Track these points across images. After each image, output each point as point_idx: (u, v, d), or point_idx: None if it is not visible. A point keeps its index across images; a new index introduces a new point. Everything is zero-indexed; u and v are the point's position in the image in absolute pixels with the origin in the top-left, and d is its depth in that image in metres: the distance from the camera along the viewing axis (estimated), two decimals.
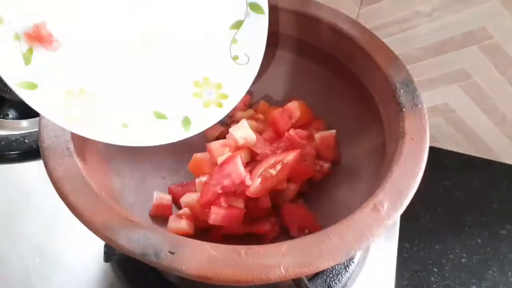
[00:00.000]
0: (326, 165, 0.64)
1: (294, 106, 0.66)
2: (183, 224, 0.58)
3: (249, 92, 0.70)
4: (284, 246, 0.42)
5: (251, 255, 0.41)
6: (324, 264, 0.41)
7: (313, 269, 0.41)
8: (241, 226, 0.59)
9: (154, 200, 0.61)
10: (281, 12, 0.67)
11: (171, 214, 0.60)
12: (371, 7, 0.77)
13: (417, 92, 0.55)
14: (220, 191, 0.56)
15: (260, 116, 0.70)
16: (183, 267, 0.41)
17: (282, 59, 0.72)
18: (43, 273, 0.63)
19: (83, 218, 0.44)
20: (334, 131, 0.65)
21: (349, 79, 0.64)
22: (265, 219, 0.60)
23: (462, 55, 0.77)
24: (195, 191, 0.61)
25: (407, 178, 0.47)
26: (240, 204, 0.58)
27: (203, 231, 0.59)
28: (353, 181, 0.62)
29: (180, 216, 0.59)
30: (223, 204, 0.56)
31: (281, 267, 0.41)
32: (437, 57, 0.79)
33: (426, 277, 0.73)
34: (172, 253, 0.41)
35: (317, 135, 0.65)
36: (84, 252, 0.64)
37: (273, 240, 0.59)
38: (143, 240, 0.42)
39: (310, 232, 0.57)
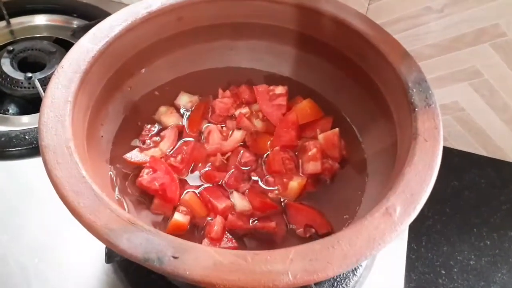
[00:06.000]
0: (335, 164, 0.63)
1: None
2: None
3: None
4: (292, 252, 0.41)
5: (258, 260, 0.40)
6: (333, 271, 0.40)
7: (322, 277, 0.40)
8: (246, 224, 0.58)
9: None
10: (288, 7, 0.65)
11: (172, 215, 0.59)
12: (381, 2, 0.76)
13: (430, 91, 0.53)
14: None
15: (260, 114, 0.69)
16: (187, 272, 0.39)
17: (287, 55, 0.71)
18: (42, 273, 0.62)
19: (83, 220, 0.43)
20: (337, 129, 0.65)
21: (359, 76, 0.63)
22: (271, 217, 0.60)
23: (474, 53, 0.76)
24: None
25: (420, 182, 0.46)
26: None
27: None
28: (361, 181, 0.61)
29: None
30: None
31: (289, 273, 0.39)
32: (447, 54, 0.77)
33: (434, 280, 0.71)
34: (176, 257, 0.40)
35: (321, 136, 0.65)
36: (85, 253, 0.63)
37: (283, 238, 0.58)
38: (146, 244, 0.41)
39: (316, 231, 0.57)
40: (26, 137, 0.74)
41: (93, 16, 0.94)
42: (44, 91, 0.52)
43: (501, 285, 0.71)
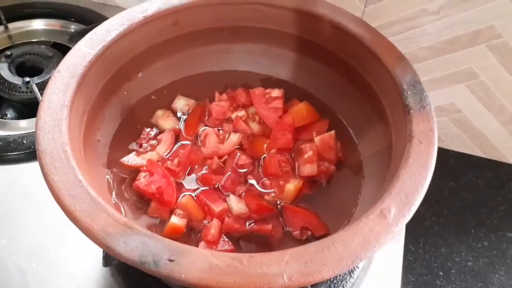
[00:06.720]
0: (331, 167, 0.63)
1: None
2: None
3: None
4: (287, 254, 0.41)
5: (253, 263, 0.40)
6: (329, 273, 0.40)
7: (318, 278, 0.40)
8: (243, 227, 0.58)
9: None
10: (285, 11, 0.65)
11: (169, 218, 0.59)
12: (377, 5, 0.76)
13: (424, 94, 0.53)
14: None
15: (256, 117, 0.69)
16: (183, 275, 0.39)
17: (285, 58, 0.71)
18: (40, 277, 0.62)
19: (80, 224, 0.43)
20: (333, 131, 0.65)
21: (355, 79, 0.63)
22: (267, 220, 0.60)
23: (470, 55, 0.76)
24: None
25: (415, 183, 0.46)
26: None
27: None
28: (358, 183, 0.60)
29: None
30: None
31: (285, 276, 0.39)
32: (443, 56, 0.78)
33: (432, 281, 0.71)
34: (172, 260, 0.40)
35: (317, 138, 0.65)
36: (83, 256, 0.63)
37: (280, 241, 0.58)
38: (142, 248, 0.41)
39: (312, 233, 0.57)
40: (24, 141, 0.74)
41: (90, 21, 0.95)
42: (41, 96, 0.53)
43: (499, 286, 0.71)
